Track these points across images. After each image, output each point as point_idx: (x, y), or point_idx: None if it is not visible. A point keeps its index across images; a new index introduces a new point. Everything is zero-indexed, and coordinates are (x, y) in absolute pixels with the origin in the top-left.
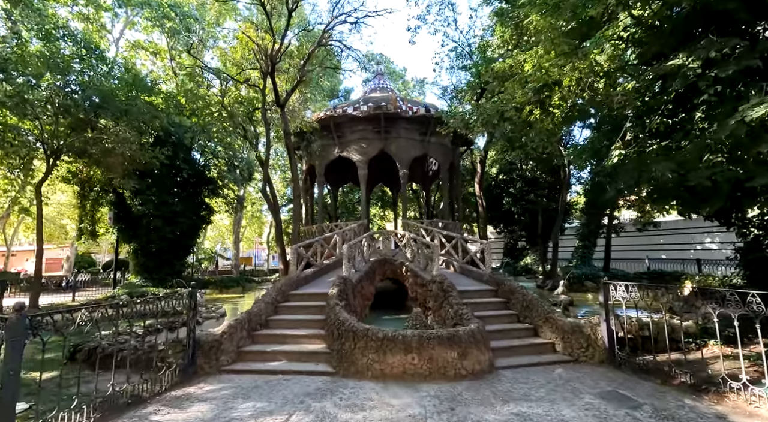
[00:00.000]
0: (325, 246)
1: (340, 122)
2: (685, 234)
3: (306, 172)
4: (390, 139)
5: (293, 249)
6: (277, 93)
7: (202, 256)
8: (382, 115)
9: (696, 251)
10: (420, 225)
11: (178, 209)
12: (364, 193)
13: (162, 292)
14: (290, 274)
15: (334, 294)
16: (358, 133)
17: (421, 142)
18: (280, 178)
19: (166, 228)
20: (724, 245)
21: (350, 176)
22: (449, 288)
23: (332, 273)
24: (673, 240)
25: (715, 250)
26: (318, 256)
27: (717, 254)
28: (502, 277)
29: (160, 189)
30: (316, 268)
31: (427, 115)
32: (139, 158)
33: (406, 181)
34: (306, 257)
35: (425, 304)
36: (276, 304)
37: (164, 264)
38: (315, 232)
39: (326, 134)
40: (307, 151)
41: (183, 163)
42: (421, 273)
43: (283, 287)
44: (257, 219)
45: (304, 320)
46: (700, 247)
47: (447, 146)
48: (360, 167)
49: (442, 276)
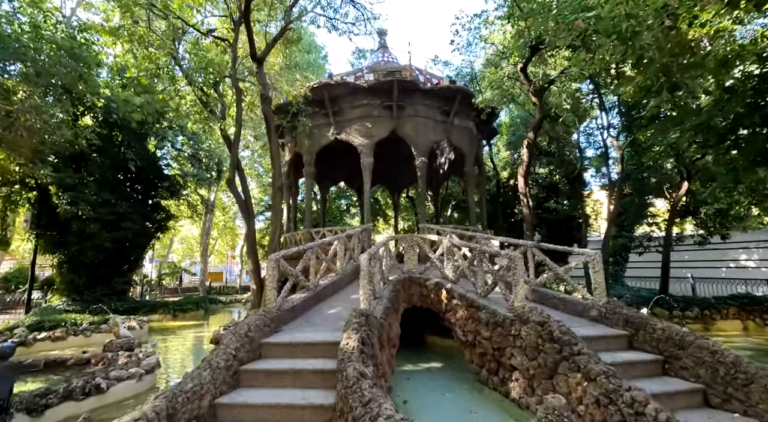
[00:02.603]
0: (322, 257)
1: (338, 94)
2: (748, 250)
3: (290, 163)
4: (404, 117)
5: (271, 262)
6: (253, 43)
7: (165, 271)
8: (395, 84)
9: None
10: (449, 229)
11: (122, 211)
12: (368, 189)
13: (87, 321)
14: (266, 301)
15: (352, 350)
16: (362, 109)
17: (442, 124)
18: (256, 184)
19: (103, 234)
20: None
21: (346, 168)
22: (567, 337)
23: (334, 300)
24: (723, 255)
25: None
26: (311, 273)
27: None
28: (637, 314)
29: (99, 185)
30: (309, 292)
31: (452, 87)
32: (56, 136)
33: (425, 172)
34: (292, 274)
35: (496, 357)
36: (235, 370)
37: (99, 281)
38: (301, 240)
39: (318, 111)
40: (292, 135)
41: (130, 153)
42: (483, 302)
43: (252, 330)
44: (230, 231)
45: (291, 407)
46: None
47: (473, 132)
48: (363, 153)
49: (539, 310)
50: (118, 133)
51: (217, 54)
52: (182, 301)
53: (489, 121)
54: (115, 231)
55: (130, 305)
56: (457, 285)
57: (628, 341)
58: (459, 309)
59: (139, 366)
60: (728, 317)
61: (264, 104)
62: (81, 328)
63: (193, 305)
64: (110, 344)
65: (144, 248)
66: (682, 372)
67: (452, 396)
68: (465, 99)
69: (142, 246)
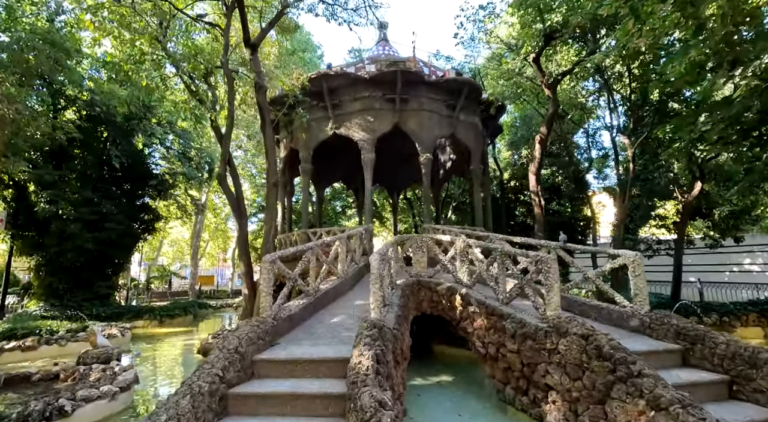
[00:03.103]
0: (323, 258)
1: (338, 86)
2: (752, 254)
3: (285, 160)
4: (407, 111)
5: (266, 264)
6: (247, 28)
7: (154, 274)
8: (399, 74)
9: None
10: (456, 230)
11: (105, 210)
12: (369, 187)
13: (64, 328)
14: (259, 308)
15: (366, 371)
16: (363, 102)
17: (448, 119)
18: (249, 185)
19: (85, 235)
20: None
21: (344, 167)
22: (621, 354)
23: (336, 306)
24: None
25: None
26: (311, 276)
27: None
28: (691, 325)
29: (81, 182)
30: (308, 299)
31: (459, 79)
32: (32, 128)
33: (430, 169)
34: (290, 277)
35: (525, 374)
36: (222, 395)
37: (80, 285)
38: (297, 241)
39: (316, 104)
40: (288, 130)
41: (115, 149)
42: (508, 310)
43: (243, 345)
44: (222, 233)
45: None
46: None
47: (478, 128)
48: (364, 149)
49: (579, 321)
50: (102, 129)
51: (208, 42)
52: (169, 306)
53: (495, 117)
54: (98, 231)
55: (113, 310)
56: (473, 291)
57: (681, 357)
58: (477, 318)
59: (114, 383)
60: (748, 324)
61: (258, 93)
62: (56, 337)
63: (181, 310)
64: (85, 355)
65: (129, 250)
66: (755, 395)
67: (471, 417)
68: (472, 93)
69: (127, 249)
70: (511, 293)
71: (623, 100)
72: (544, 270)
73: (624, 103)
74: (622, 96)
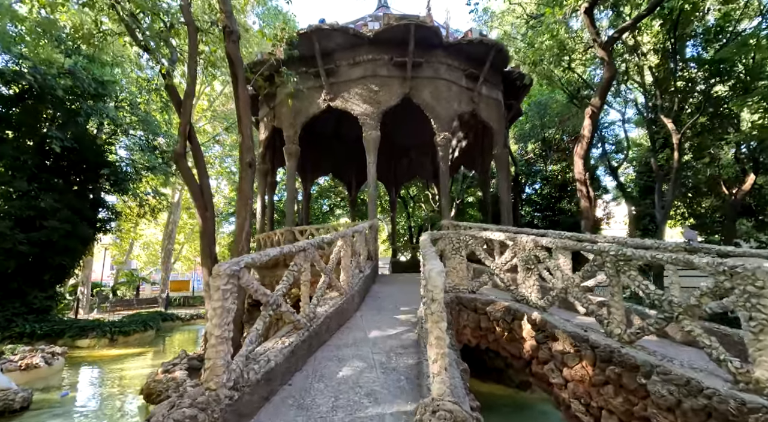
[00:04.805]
0: (320, 266)
1: (333, 48)
2: None
3: (265, 143)
4: (420, 79)
5: (222, 279)
6: None
7: (122, 280)
8: (412, 29)
9: None
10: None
11: (45, 205)
12: (373, 171)
13: None
14: (208, 367)
15: None
16: (365, 67)
17: (468, 92)
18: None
19: (17, 235)
20: None
21: (336, 155)
22: None
23: (341, 341)
24: None
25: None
26: (303, 295)
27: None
28: None
29: (13, 171)
30: (299, 334)
31: (485, 40)
32: None
33: (448, 151)
34: (269, 303)
35: None
36: None
37: (10, 295)
38: (280, 241)
39: (305, 70)
40: (270, 105)
41: (57, 132)
42: (651, 359)
43: None
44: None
45: None
46: None
47: (501, 106)
48: (367, 125)
49: None
50: (42, 108)
51: None
52: (124, 321)
53: (518, 96)
54: (35, 231)
55: (52, 327)
56: (554, 317)
57: None
58: (572, 363)
59: None
60: None
61: (228, 41)
62: None
63: (140, 325)
64: None
65: (78, 254)
66: None
67: None
68: (497, 60)
69: (74, 252)
70: (638, 329)
71: (655, 83)
72: (750, 296)
73: (661, 85)
74: (655, 78)
